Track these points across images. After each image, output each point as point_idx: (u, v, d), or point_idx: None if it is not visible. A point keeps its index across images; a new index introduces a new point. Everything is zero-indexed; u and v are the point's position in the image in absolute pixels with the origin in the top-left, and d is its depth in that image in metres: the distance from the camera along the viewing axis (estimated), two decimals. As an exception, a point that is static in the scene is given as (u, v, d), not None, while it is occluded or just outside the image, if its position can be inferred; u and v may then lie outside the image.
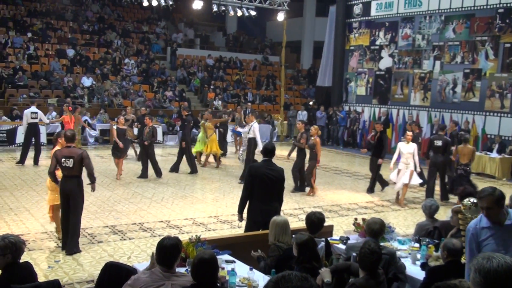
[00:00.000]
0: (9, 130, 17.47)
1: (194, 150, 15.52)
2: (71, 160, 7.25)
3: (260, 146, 12.85)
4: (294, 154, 12.83)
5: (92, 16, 27.51)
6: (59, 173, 7.62)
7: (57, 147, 7.94)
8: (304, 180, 12.42)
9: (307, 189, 12.36)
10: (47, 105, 18.98)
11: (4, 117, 17.89)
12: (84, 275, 6.62)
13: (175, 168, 14.33)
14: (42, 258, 7.17)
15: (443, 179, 12.30)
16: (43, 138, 17.07)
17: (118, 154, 13.08)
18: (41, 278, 5.69)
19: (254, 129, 13.17)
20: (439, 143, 12.02)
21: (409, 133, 11.68)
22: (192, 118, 20.57)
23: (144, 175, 13.36)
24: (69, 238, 7.37)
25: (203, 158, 16.01)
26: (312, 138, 12.02)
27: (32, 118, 14.40)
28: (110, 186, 12.20)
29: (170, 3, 20.17)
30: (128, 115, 15.51)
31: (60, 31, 25.11)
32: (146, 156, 13.39)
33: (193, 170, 14.30)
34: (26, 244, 7.45)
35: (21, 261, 4.60)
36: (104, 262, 5.53)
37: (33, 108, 14.62)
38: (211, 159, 15.96)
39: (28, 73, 21.57)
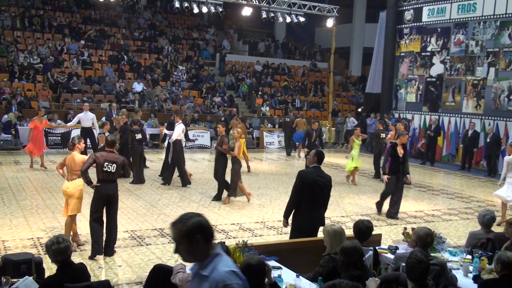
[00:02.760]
0: (63, 133, 18.02)
1: (348, 167, 14.23)
2: (114, 165, 7.38)
3: (172, 139, 12.57)
4: None
5: (144, 23, 28.16)
6: (61, 171, 7.98)
7: (75, 152, 7.84)
8: (223, 189, 11.52)
9: (224, 197, 11.48)
10: (100, 110, 19.54)
11: (59, 121, 18.50)
12: (133, 277, 6.74)
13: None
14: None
15: None
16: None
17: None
18: (91, 278, 5.83)
19: (176, 129, 12.69)
20: None
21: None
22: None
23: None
24: (112, 241, 7.48)
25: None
26: (233, 141, 11.74)
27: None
28: (159, 189, 12.41)
29: (220, 10, 20.37)
30: (122, 122, 14.76)
31: (113, 38, 25.83)
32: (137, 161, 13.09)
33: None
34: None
35: (75, 262, 4.75)
36: (152, 265, 5.62)
37: None
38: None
39: (82, 78, 22.29)
